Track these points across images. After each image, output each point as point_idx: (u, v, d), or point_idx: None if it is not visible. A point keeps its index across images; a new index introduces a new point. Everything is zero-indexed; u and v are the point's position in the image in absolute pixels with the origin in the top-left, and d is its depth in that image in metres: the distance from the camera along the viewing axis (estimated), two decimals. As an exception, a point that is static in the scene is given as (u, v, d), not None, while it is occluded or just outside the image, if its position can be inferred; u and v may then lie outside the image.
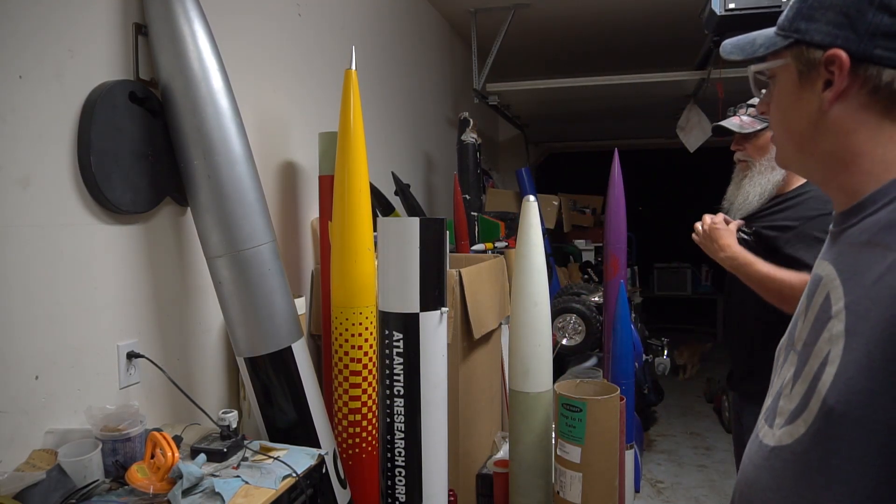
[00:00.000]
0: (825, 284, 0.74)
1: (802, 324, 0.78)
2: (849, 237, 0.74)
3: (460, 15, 3.99)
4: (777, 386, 0.80)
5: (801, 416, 0.71)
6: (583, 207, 5.55)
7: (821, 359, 0.70)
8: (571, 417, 1.78)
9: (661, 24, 4.03)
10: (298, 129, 2.20)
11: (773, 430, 0.76)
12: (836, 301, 0.71)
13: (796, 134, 0.79)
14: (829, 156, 0.76)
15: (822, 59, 0.72)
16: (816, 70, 0.74)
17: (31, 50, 1.23)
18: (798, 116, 0.78)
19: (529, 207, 1.87)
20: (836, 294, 0.71)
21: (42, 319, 1.25)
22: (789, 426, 0.73)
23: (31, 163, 1.23)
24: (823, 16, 0.72)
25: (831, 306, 0.71)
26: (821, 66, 0.73)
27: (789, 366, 0.78)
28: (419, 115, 3.62)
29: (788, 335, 0.82)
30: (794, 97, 0.78)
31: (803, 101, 0.76)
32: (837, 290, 0.71)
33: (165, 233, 1.58)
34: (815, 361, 0.71)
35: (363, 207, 1.67)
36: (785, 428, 0.74)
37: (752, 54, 0.80)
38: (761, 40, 0.80)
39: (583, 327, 3.45)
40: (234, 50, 1.76)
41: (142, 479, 1.18)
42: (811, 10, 0.73)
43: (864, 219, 0.73)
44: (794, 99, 0.78)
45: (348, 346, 1.68)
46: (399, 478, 1.64)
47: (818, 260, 0.81)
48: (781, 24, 0.77)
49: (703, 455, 3.94)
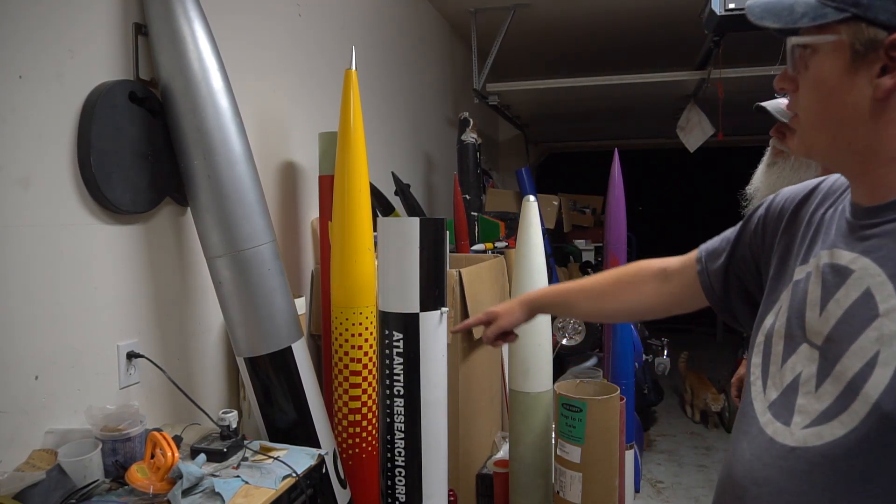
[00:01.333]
0: (860, 279, 0.69)
1: (818, 316, 0.73)
2: (888, 232, 0.69)
3: (460, 15, 3.99)
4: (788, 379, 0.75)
5: (838, 417, 0.67)
6: (583, 207, 5.54)
7: (865, 359, 0.66)
8: (571, 417, 1.78)
9: (661, 24, 4.03)
10: (298, 129, 2.20)
11: (792, 429, 0.72)
12: (886, 299, 0.66)
13: (835, 122, 0.70)
14: (869, 149, 0.69)
15: (887, 42, 0.64)
16: (875, 52, 0.65)
17: (31, 50, 1.23)
18: (842, 103, 0.69)
19: (529, 207, 1.87)
20: (883, 291, 0.67)
21: (42, 319, 1.25)
22: (818, 427, 0.69)
23: (31, 163, 1.23)
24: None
25: (877, 304, 0.66)
26: (881, 48, 0.65)
27: (803, 360, 0.73)
28: (419, 115, 3.62)
29: (790, 323, 0.77)
30: (840, 81, 0.68)
31: (852, 86, 0.67)
32: (885, 286, 0.67)
33: (165, 233, 1.58)
34: (854, 361, 0.67)
35: (363, 207, 1.67)
36: (813, 429, 0.69)
37: (793, 23, 0.69)
38: (802, 8, 0.68)
39: (583, 327, 3.46)
40: (234, 50, 1.76)
41: (142, 479, 1.18)
42: None
43: None
44: (840, 83, 0.68)
45: (348, 346, 1.68)
46: (399, 478, 1.64)
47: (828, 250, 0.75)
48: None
49: (703, 455, 3.94)
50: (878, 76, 0.66)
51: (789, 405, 0.73)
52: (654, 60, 4.61)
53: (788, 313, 0.78)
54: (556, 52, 4.80)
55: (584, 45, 4.59)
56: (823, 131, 0.72)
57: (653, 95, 4.27)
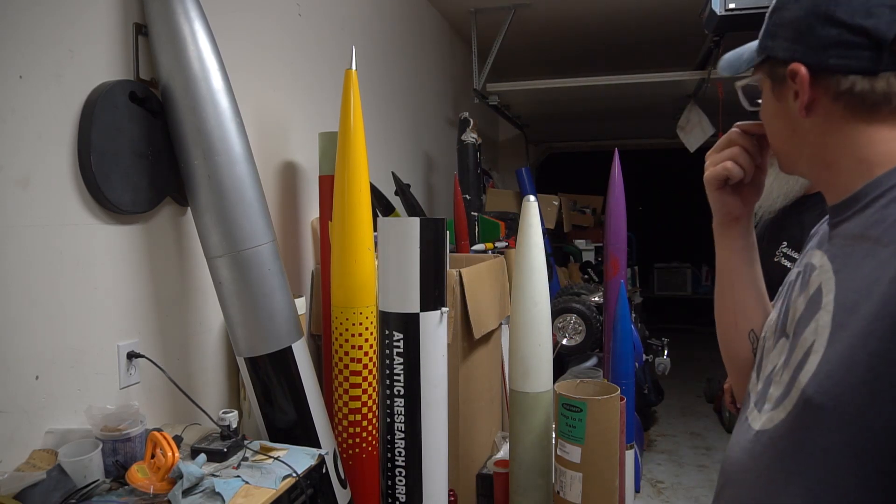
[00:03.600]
0: (818, 275, 0.76)
1: (796, 313, 0.79)
2: (842, 230, 0.77)
3: (460, 15, 3.99)
4: (767, 371, 0.83)
5: (783, 402, 0.74)
6: (583, 207, 5.55)
7: (805, 348, 0.73)
8: (571, 417, 1.78)
9: (661, 24, 4.03)
10: (298, 129, 2.20)
11: (761, 415, 0.79)
12: (827, 293, 0.73)
13: (782, 141, 0.83)
14: (812, 158, 0.80)
15: (787, 73, 0.76)
16: (785, 83, 0.77)
17: (31, 50, 1.23)
18: (780, 126, 0.82)
19: (529, 207, 1.87)
20: (827, 286, 0.73)
21: (42, 319, 1.25)
22: (773, 411, 0.76)
23: (31, 163, 1.23)
24: (783, 32, 0.77)
25: (822, 297, 0.73)
26: (787, 79, 0.76)
27: (779, 352, 0.81)
28: (419, 115, 3.62)
29: (778, 321, 0.85)
30: (773, 109, 0.82)
31: (781, 112, 0.80)
32: (829, 281, 0.73)
33: (165, 233, 1.58)
34: (800, 351, 0.74)
35: (363, 207, 1.67)
36: (769, 413, 0.77)
37: (738, 71, 0.84)
38: (747, 55, 0.83)
39: (583, 327, 3.46)
40: (234, 50, 1.76)
41: (142, 479, 1.18)
42: (774, 27, 0.78)
43: (856, 212, 0.75)
44: (774, 110, 0.82)
45: (348, 346, 1.68)
46: (399, 478, 1.64)
47: (812, 250, 0.83)
48: (759, 40, 0.81)
49: (703, 455, 3.94)
50: (794, 101, 0.77)
51: (766, 394, 0.81)
52: (654, 60, 4.61)
53: (779, 311, 0.86)
54: (556, 52, 4.80)
55: (584, 45, 4.59)
56: (781, 150, 0.84)
57: (653, 95, 4.27)
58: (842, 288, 0.71)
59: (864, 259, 0.70)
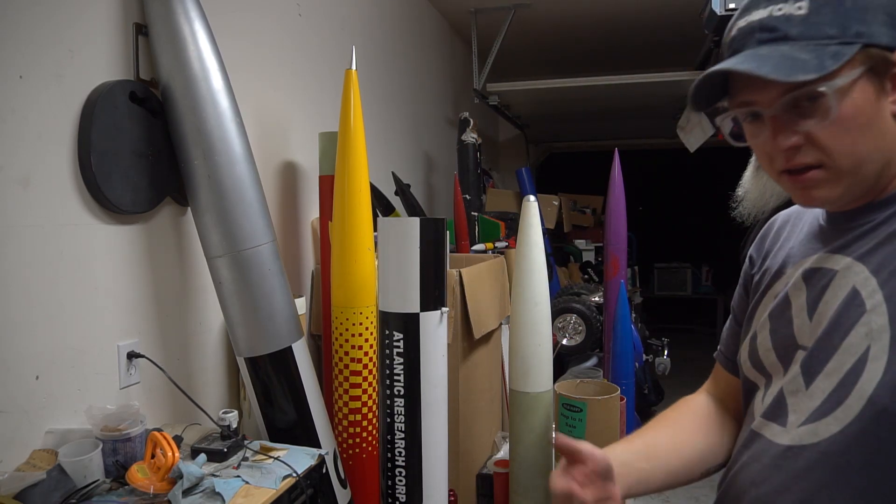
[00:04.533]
0: (845, 277, 0.71)
1: (809, 321, 0.74)
2: (867, 232, 0.72)
3: (460, 15, 3.99)
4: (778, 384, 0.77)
5: (833, 413, 0.68)
6: (583, 207, 5.54)
7: (857, 355, 0.67)
8: (572, 417, 1.78)
9: (661, 24, 4.03)
10: (298, 129, 2.20)
11: (787, 429, 0.73)
12: (870, 295, 0.68)
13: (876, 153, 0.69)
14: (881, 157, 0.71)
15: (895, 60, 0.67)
16: (887, 73, 0.67)
17: (31, 50, 1.23)
18: (879, 133, 0.68)
19: (529, 207, 1.87)
20: (866, 287, 0.68)
21: (42, 320, 1.25)
22: (813, 424, 0.70)
23: (31, 163, 1.23)
24: (875, 17, 0.66)
25: (864, 300, 0.68)
26: (891, 67, 0.67)
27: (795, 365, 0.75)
28: (419, 115, 3.62)
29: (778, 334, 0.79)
30: (874, 109, 0.68)
31: (882, 112, 0.68)
32: (868, 282, 0.68)
33: (165, 233, 1.58)
34: (846, 357, 0.68)
35: (363, 207, 1.67)
36: (807, 426, 0.71)
37: (824, 70, 0.64)
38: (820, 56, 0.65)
39: (583, 327, 3.45)
40: (234, 50, 1.76)
41: (142, 479, 1.18)
42: (862, 12, 0.66)
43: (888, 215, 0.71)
44: (874, 112, 0.68)
45: (348, 346, 1.68)
46: (399, 478, 1.64)
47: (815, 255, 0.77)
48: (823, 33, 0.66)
49: (704, 455, 3.94)
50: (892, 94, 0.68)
51: (782, 405, 0.75)
52: (654, 60, 4.61)
53: (771, 325, 0.80)
54: (556, 52, 4.80)
55: (584, 45, 4.59)
56: (867, 165, 0.70)
57: (653, 95, 4.26)
58: (892, 287, 0.66)
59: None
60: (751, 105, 0.72)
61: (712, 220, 4.88)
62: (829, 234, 0.77)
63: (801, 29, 0.67)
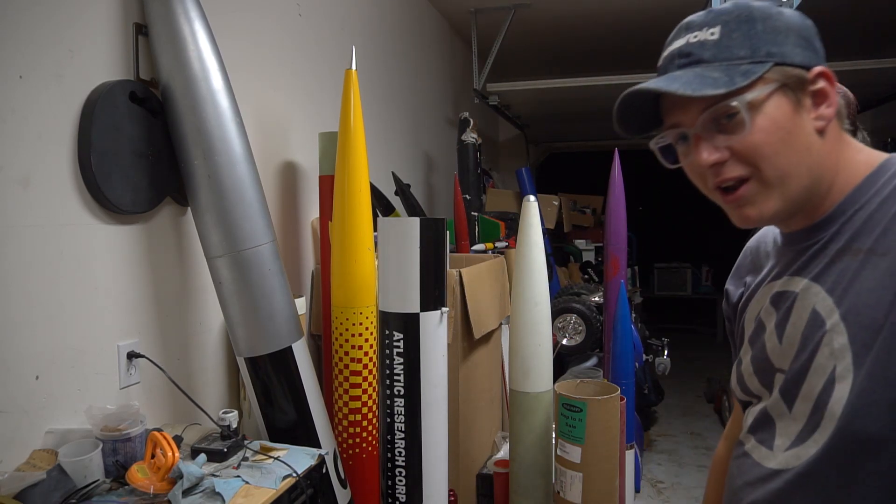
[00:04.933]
0: (805, 299, 0.73)
1: (780, 344, 0.76)
2: (820, 250, 0.74)
3: (460, 15, 3.99)
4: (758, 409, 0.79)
5: (812, 436, 0.69)
6: (583, 207, 5.54)
7: (825, 376, 0.69)
8: (571, 417, 1.78)
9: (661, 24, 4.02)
10: (298, 129, 2.20)
11: (775, 452, 0.74)
12: (829, 314, 0.70)
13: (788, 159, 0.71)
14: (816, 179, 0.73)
15: (811, 77, 0.71)
16: (804, 90, 0.71)
17: (31, 50, 1.23)
18: (803, 147, 0.71)
19: (529, 207, 1.87)
20: (823, 306, 0.70)
21: (42, 319, 1.25)
22: (796, 448, 0.71)
23: (31, 163, 1.23)
24: (787, 40, 0.70)
25: (824, 319, 0.70)
26: (808, 85, 0.71)
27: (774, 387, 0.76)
28: (419, 115, 3.62)
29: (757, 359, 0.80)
30: (792, 121, 0.71)
31: (802, 123, 0.71)
32: (824, 301, 0.70)
33: (165, 233, 1.58)
34: (817, 379, 0.70)
35: (363, 207, 1.67)
36: (792, 451, 0.72)
37: (733, 86, 0.68)
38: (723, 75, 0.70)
39: (583, 327, 3.45)
40: (234, 50, 1.76)
41: (142, 479, 1.18)
42: (773, 34, 0.70)
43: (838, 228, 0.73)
44: (793, 123, 0.71)
45: (348, 346, 1.68)
46: (399, 478, 1.64)
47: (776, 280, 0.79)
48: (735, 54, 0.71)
49: (704, 455, 3.94)
50: (814, 110, 0.71)
51: (770, 427, 0.76)
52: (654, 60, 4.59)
53: (752, 351, 0.82)
54: (556, 52, 4.80)
55: (585, 45, 4.59)
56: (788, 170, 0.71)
57: (653, 95, 4.26)
58: (847, 305, 0.68)
59: (861, 272, 0.68)
60: (678, 126, 0.75)
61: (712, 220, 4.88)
62: (789, 257, 0.79)
63: (714, 52, 0.72)
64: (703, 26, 0.73)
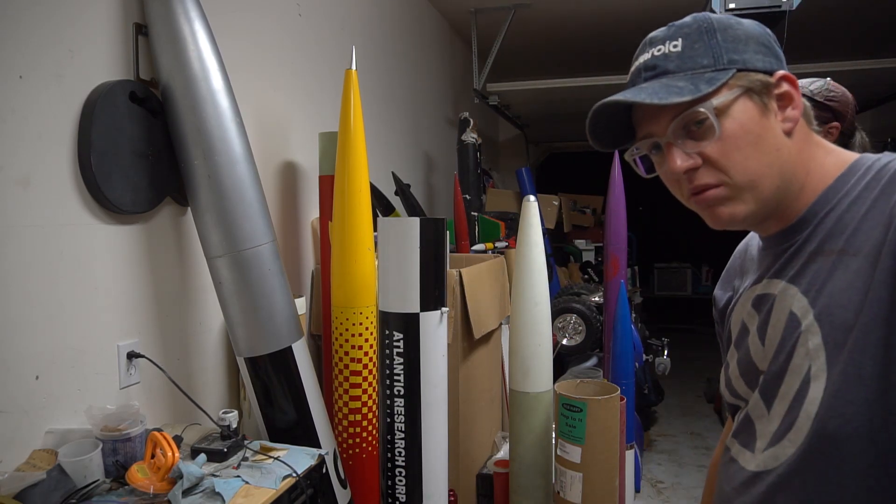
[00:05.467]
0: (783, 301, 0.74)
1: (762, 346, 0.77)
2: (795, 252, 0.75)
3: (460, 15, 3.99)
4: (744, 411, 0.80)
5: (787, 436, 0.70)
6: (583, 207, 5.54)
7: (801, 376, 0.69)
8: (571, 417, 1.78)
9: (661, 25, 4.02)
10: (298, 129, 2.20)
11: (755, 454, 0.75)
12: (804, 315, 0.70)
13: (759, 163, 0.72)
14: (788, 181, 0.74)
15: (775, 81, 0.72)
16: (769, 94, 0.72)
17: (31, 50, 1.23)
18: (772, 148, 0.72)
19: (529, 207, 1.87)
20: (799, 307, 0.71)
21: (42, 319, 1.25)
22: (773, 448, 0.72)
23: (31, 163, 1.23)
24: (747, 47, 0.73)
25: (799, 320, 0.71)
26: (772, 89, 0.72)
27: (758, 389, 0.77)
28: (419, 115, 3.62)
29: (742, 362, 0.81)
30: (761, 124, 0.72)
31: (770, 126, 0.73)
32: (800, 302, 0.71)
33: (165, 233, 1.58)
34: (794, 379, 0.70)
35: (363, 207, 1.67)
36: (769, 451, 0.73)
37: (699, 93, 0.70)
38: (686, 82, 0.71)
39: (583, 327, 3.46)
40: (234, 50, 1.76)
41: (142, 479, 1.18)
42: (733, 43, 0.72)
43: (809, 231, 0.74)
44: (762, 126, 0.72)
45: (348, 346, 1.68)
46: (399, 478, 1.64)
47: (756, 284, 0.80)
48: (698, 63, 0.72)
49: (704, 455, 3.94)
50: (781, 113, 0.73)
51: (751, 430, 0.77)
52: (654, 60, 4.60)
53: (738, 354, 0.83)
54: (556, 52, 4.80)
55: (584, 45, 4.59)
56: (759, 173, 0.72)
57: (653, 95, 4.26)
58: (821, 305, 0.69)
59: (833, 272, 0.69)
60: (650, 137, 0.77)
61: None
62: (768, 260, 0.80)
63: (678, 63, 0.74)
64: (666, 40, 0.76)
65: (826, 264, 0.70)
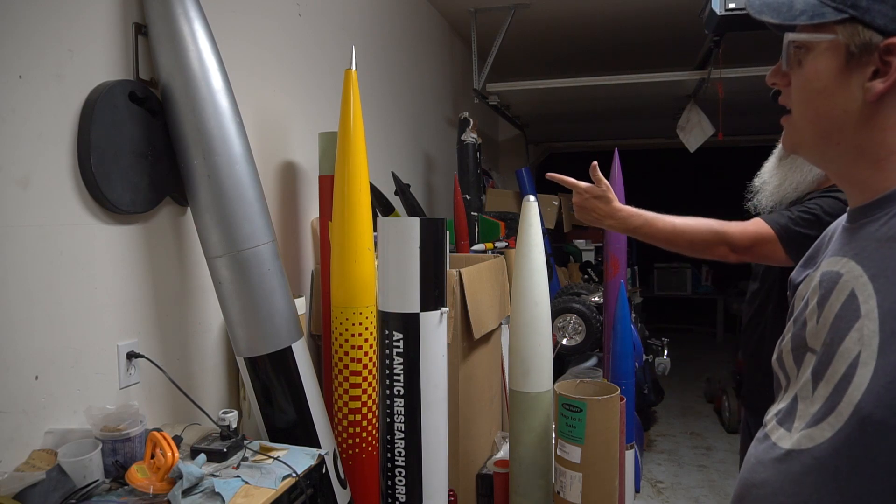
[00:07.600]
0: (847, 282, 0.71)
1: (816, 324, 0.74)
2: (871, 233, 0.71)
3: (460, 15, 3.99)
4: (793, 389, 0.77)
5: (827, 419, 0.68)
6: (583, 207, 5.53)
7: (849, 360, 0.67)
8: (571, 417, 1.78)
9: (661, 24, 4.03)
10: (298, 129, 2.20)
11: (792, 434, 0.73)
12: (866, 299, 0.67)
13: (825, 120, 0.71)
14: (857, 149, 0.71)
15: (882, 46, 0.65)
16: (869, 56, 0.66)
17: (31, 50, 1.23)
18: (833, 103, 0.69)
19: (529, 207, 1.87)
20: (863, 292, 0.68)
21: (42, 319, 1.25)
22: (810, 429, 0.70)
23: (31, 163, 1.23)
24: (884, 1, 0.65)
25: (860, 305, 0.67)
26: (876, 52, 0.66)
27: (805, 368, 0.75)
28: (419, 115, 3.62)
29: (796, 336, 0.79)
30: (832, 81, 0.69)
31: (844, 87, 0.68)
32: (865, 287, 0.68)
33: (165, 233, 1.58)
34: (841, 363, 0.68)
35: (363, 207, 1.67)
36: (805, 431, 0.70)
37: (791, 20, 0.69)
38: (802, 5, 0.69)
39: (583, 327, 3.45)
40: (234, 50, 1.76)
41: (142, 479, 1.18)
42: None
43: (888, 214, 0.69)
44: (833, 82, 0.69)
45: (348, 346, 1.68)
46: (399, 478, 1.64)
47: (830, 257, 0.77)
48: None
49: (703, 455, 3.94)
50: (870, 79, 0.67)
51: (793, 411, 0.75)
52: (654, 60, 4.61)
53: (794, 329, 0.80)
54: (556, 52, 4.80)
55: (584, 45, 4.59)
56: (812, 129, 0.73)
57: (653, 95, 4.27)
58: (885, 294, 0.66)
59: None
60: None
61: (712, 220, 4.87)
62: (845, 236, 0.77)
63: None
64: None
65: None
